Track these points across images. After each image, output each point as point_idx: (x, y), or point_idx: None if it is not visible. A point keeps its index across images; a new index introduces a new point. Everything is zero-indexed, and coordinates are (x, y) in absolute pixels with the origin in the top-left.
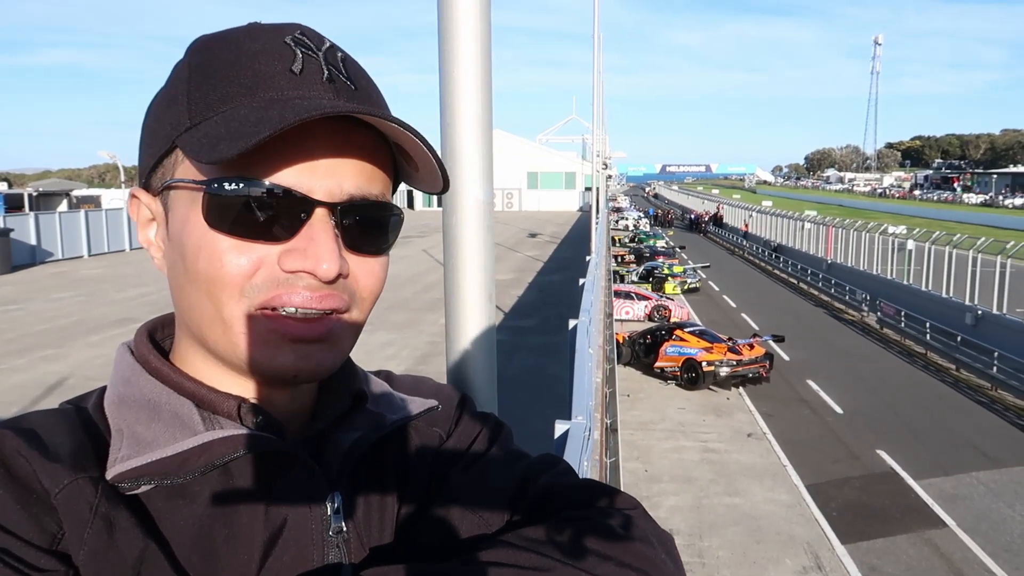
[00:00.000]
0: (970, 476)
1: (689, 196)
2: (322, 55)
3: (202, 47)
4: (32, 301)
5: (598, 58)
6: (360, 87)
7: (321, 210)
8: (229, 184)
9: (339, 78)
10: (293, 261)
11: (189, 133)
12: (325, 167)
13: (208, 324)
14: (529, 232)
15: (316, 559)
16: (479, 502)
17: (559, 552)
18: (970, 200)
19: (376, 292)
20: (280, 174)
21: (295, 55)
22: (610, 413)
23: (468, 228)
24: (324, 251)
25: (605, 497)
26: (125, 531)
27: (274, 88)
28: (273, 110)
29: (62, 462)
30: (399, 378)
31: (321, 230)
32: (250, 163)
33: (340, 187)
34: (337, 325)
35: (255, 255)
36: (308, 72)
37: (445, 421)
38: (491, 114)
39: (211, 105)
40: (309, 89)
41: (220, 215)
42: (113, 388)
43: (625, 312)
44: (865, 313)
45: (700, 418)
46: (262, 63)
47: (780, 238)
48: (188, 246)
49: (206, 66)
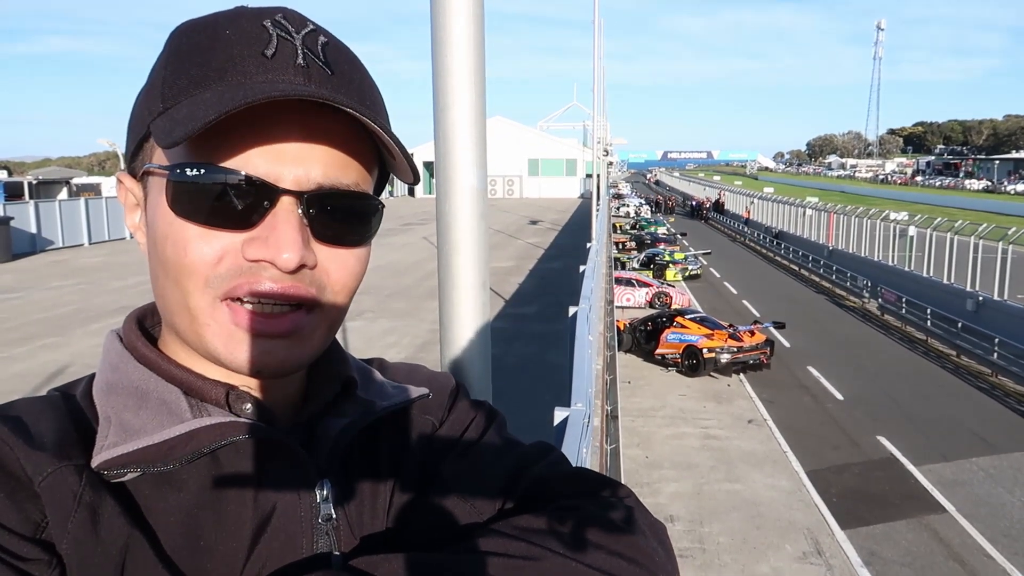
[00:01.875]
0: (970, 462)
1: (690, 183)
2: (300, 38)
3: (181, 32)
4: (32, 289)
5: (598, 44)
6: (338, 72)
7: (287, 198)
8: (191, 170)
9: (315, 62)
10: (255, 250)
11: (160, 118)
12: (293, 154)
13: (177, 313)
14: (530, 219)
15: (305, 546)
16: (471, 491)
17: (551, 541)
18: (972, 186)
19: (350, 286)
20: (246, 160)
21: (270, 39)
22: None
23: (461, 215)
24: (285, 240)
25: (597, 486)
26: (110, 519)
27: (243, 72)
28: (237, 93)
29: (46, 450)
30: (393, 366)
31: (284, 219)
32: (216, 149)
33: (308, 175)
34: (304, 321)
35: (220, 243)
36: (280, 56)
37: (438, 409)
38: (484, 100)
39: (182, 89)
40: (279, 73)
41: (184, 201)
42: (101, 375)
43: (626, 299)
44: (866, 299)
45: (701, 405)
46: (235, 47)
47: (781, 225)
48: (158, 233)
49: (182, 51)
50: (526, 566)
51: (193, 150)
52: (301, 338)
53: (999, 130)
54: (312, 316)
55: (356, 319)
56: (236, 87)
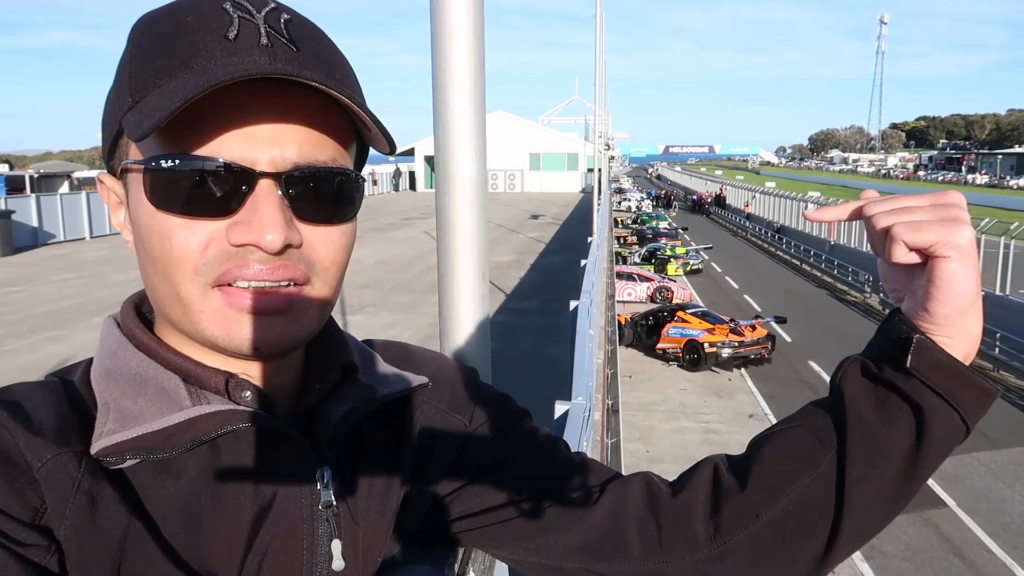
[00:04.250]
0: (970, 457)
1: (692, 177)
2: (262, 17)
3: (143, 24)
4: (34, 283)
5: (600, 38)
6: (304, 48)
7: (265, 181)
8: (166, 161)
9: (279, 40)
10: (239, 234)
11: (130, 112)
12: (266, 136)
13: (169, 304)
14: (531, 213)
15: (306, 533)
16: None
17: None
18: (975, 181)
19: (339, 261)
20: (220, 146)
21: (231, 21)
22: (612, 394)
23: (461, 206)
24: (268, 222)
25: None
26: (109, 506)
27: (207, 57)
28: (200, 79)
29: (45, 436)
30: (419, 353)
31: (264, 201)
32: (189, 137)
33: (283, 155)
34: (298, 297)
35: (204, 232)
36: (243, 37)
37: (446, 397)
38: (484, 90)
39: (149, 81)
40: (244, 55)
41: (162, 193)
42: (99, 361)
43: (627, 293)
44: (868, 294)
45: (702, 399)
46: (197, 33)
47: (783, 219)
48: (142, 228)
49: (145, 42)
50: None
51: (166, 141)
52: (297, 314)
53: (1002, 124)
54: (305, 292)
55: (358, 313)
56: (201, 73)
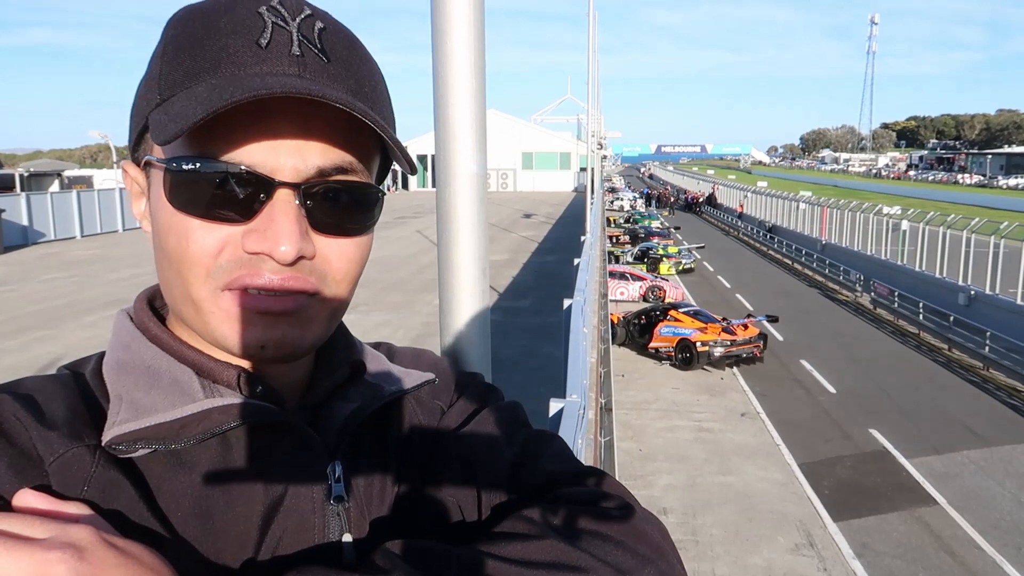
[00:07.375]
0: (961, 455)
1: (684, 176)
2: (296, 24)
3: (178, 20)
4: (24, 282)
5: (593, 37)
6: (335, 59)
7: (284, 190)
8: (187, 163)
9: (310, 51)
10: (253, 242)
11: (157, 110)
12: (289, 145)
13: (182, 302)
14: (524, 213)
15: (317, 527)
16: (475, 477)
17: (562, 534)
18: (965, 180)
19: (351, 274)
20: (243, 153)
21: (265, 26)
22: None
23: (462, 201)
24: (282, 233)
25: (600, 482)
26: (120, 500)
27: (237, 64)
28: (226, 89)
29: (59, 430)
30: (400, 350)
31: (281, 211)
32: (213, 141)
33: (305, 165)
34: (307, 304)
35: (220, 235)
36: (275, 45)
37: (445, 393)
38: (484, 86)
39: (177, 81)
40: (273, 64)
41: (181, 195)
42: (112, 354)
43: (620, 293)
44: (859, 293)
45: (694, 398)
46: (231, 37)
47: (775, 219)
48: (160, 224)
49: (179, 40)
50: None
51: (189, 142)
52: (304, 320)
53: (992, 124)
54: (314, 302)
55: (350, 312)
56: (229, 80)
